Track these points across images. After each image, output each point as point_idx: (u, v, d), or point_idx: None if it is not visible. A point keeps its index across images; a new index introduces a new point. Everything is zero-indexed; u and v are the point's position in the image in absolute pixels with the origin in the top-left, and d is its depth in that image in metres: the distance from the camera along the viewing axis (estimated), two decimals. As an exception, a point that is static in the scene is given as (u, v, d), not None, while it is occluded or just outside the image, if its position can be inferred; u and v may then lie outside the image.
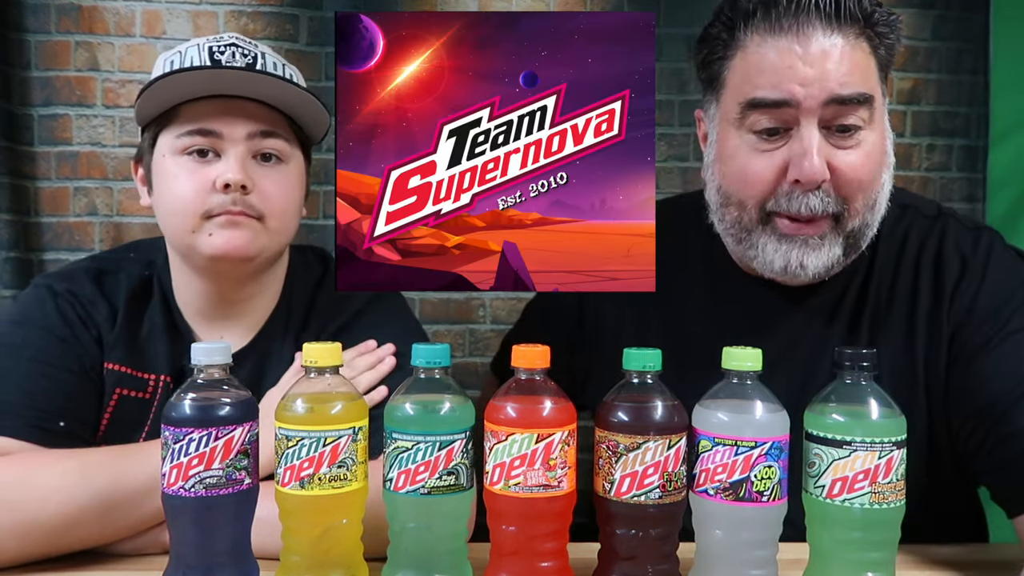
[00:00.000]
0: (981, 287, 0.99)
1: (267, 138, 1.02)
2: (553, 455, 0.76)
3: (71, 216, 1.69)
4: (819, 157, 0.92)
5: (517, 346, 0.79)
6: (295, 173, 1.07)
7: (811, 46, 0.91)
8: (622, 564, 0.79)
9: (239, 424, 0.77)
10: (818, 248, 0.96)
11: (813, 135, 0.92)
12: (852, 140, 0.94)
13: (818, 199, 0.94)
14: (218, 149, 1.01)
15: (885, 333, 1.01)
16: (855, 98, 0.92)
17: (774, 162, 0.95)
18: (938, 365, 0.99)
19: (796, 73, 0.91)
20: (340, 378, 0.81)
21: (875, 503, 0.76)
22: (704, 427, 0.79)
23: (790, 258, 0.96)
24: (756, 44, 0.94)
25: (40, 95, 1.67)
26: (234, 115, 1.01)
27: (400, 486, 0.77)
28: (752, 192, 0.97)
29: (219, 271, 1.04)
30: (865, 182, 0.95)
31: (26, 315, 1.05)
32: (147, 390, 1.07)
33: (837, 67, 0.91)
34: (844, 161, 0.93)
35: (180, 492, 0.75)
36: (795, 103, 0.92)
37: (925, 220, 1.06)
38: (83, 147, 1.68)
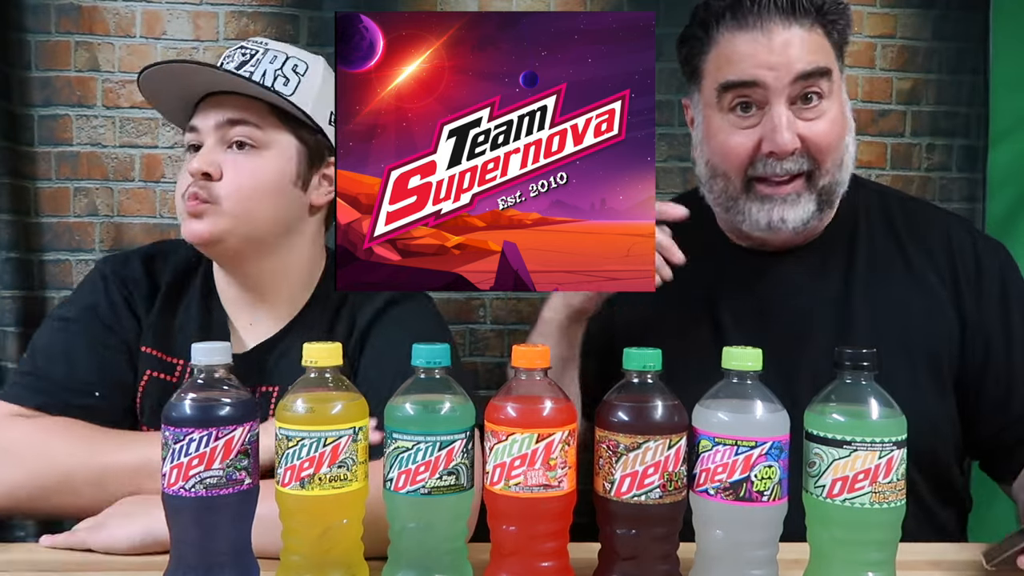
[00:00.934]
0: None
1: (235, 126, 1.08)
2: (553, 455, 0.76)
3: (71, 216, 1.69)
4: (789, 131, 1.08)
5: (517, 346, 0.79)
6: (275, 157, 1.10)
7: (774, 38, 1.08)
8: (622, 564, 0.79)
9: (239, 424, 0.77)
10: (795, 204, 1.11)
11: (782, 112, 1.08)
12: (816, 111, 1.10)
13: (792, 162, 1.10)
14: (202, 143, 1.09)
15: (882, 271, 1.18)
16: (816, 71, 1.08)
17: (751, 137, 1.11)
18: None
19: (763, 60, 1.08)
20: (340, 378, 0.81)
21: (875, 503, 0.76)
22: (704, 427, 0.79)
23: (772, 215, 1.12)
24: (727, 39, 1.10)
25: (40, 95, 1.66)
26: (209, 108, 1.10)
27: (400, 486, 0.77)
28: (734, 163, 1.12)
29: (210, 254, 1.12)
30: (832, 145, 1.11)
31: (79, 298, 1.17)
32: (175, 374, 1.13)
33: (798, 51, 1.08)
34: (811, 130, 1.10)
35: (180, 492, 0.75)
36: (764, 85, 1.08)
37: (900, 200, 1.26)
38: (83, 147, 1.68)
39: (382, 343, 1.10)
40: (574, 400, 0.91)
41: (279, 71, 1.10)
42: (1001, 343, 1.15)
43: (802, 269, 1.19)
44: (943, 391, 1.15)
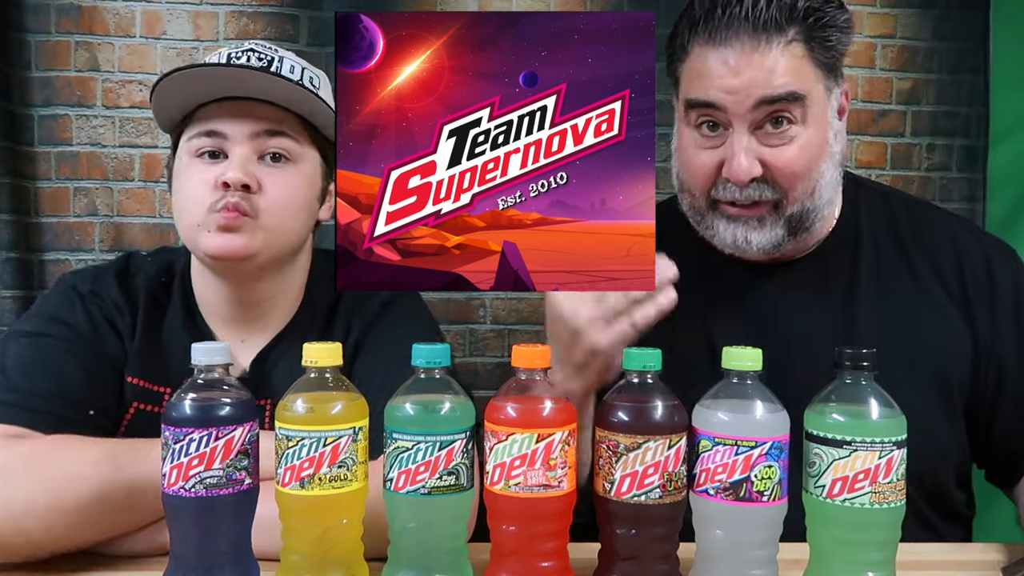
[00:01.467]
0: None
1: (273, 137, 1.03)
2: (553, 455, 0.76)
3: (71, 216, 1.69)
4: (747, 158, 1.01)
5: (517, 346, 0.79)
6: (305, 173, 1.07)
7: (739, 57, 0.99)
8: (622, 564, 0.79)
9: (239, 424, 0.77)
10: (761, 227, 1.06)
11: (742, 139, 1.01)
12: (784, 137, 1.02)
13: (752, 190, 1.03)
14: (226, 150, 1.02)
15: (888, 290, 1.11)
16: (784, 97, 1.00)
17: (713, 158, 1.05)
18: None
19: (724, 82, 1.00)
20: (340, 378, 0.81)
21: (875, 503, 0.76)
22: (704, 427, 0.79)
23: (736, 235, 1.06)
24: (697, 52, 1.03)
25: (40, 95, 1.67)
26: (241, 115, 1.02)
27: (400, 486, 0.77)
28: (698, 182, 1.07)
29: (226, 269, 1.05)
30: (799, 174, 1.03)
31: (54, 312, 1.06)
32: (162, 403, 1.06)
33: (761, 74, 0.99)
34: (777, 157, 1.02)
35: (180, 492, 0.75)
36: (723, 107, 1.01)
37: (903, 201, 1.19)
38: (83, 147, 1.68)
39: (380, 346, 1.09)
40: (583, 468, 0.86)
41: (300, 82, 1.06)
42: (1017, 363, 1.09)
43: (799, 282, 1.13)
44: (952, 415, 1.09)
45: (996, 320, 1.09)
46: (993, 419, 1.10)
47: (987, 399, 1.09)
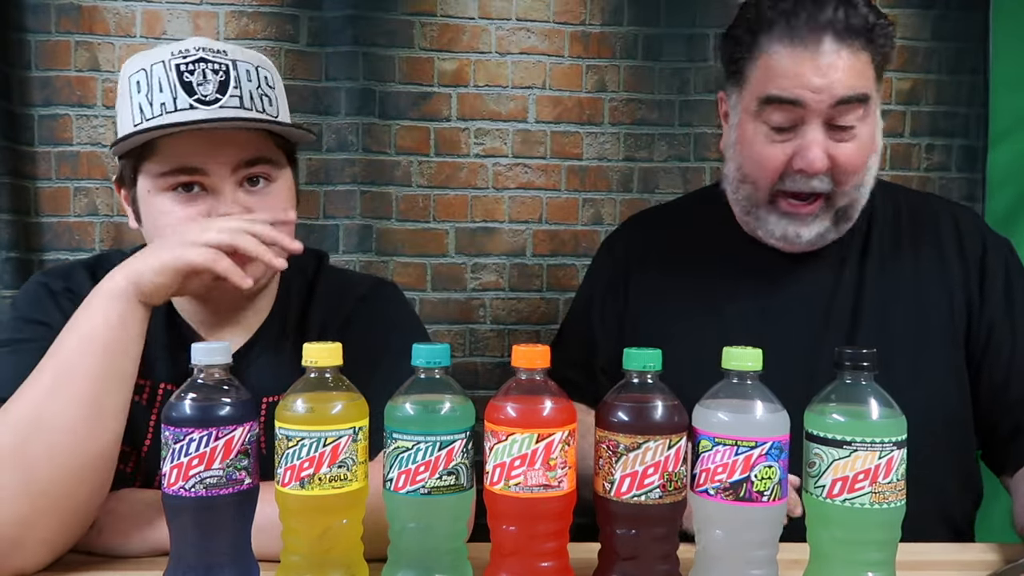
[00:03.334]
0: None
1: (253, 166, 1.01)
2: (553, 455, 0.76)
3: (71, 216, 1.69)
4: (821, 150, 1.09)
5: (517, 346, 0.79)
6: (285, 188, 1.06)
7: (822, 58, 1.07)
8: (622, 564, 0.79)
9: (239, 424, 0.77)
10: (812, 223, 1.15)
11: (817, 133, 1.09)
12: (850, 134, 1.11)
13: (818, 181, 1.12)
14: (203, 184, 0.99)
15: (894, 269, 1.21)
16: (855, 98, 1.09)
17: (783, 152, 1.12)
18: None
19: (808, 80, 1.07)
20: (340, 378, 0.81)
21: (875, 503, 0.76)
22: (704, 427, 0.79)
23: (788, 229, 1.16)
24: (776, 51, 1.10)
25: (40, 95, 1.66)
26: (216, 147, 0.98)
27: (400, 486, 0.77)
28: (765, 174, 1.14)
29: (212, 297, 1.05)
30: (857, 168, 1.12)
31: (27, 314, 1.04)
32: (143, 395, 1.05)
33: (842, 76, 1.07)
34: (841, 152, 1.11)
35: (180, 492, 0.75)
36: (805, 104, 1.08)
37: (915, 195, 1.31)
38: (83, 147, 1.68)
39: (358, 344, 1.06)
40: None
41: (259, 90, 1.02)
42: (1004, 330, 1.17)
43: (820, 267, 1.21)
44: (960, 378, 1.17)
45: (985, 291, 1.18)
46: (980, 378, 1.18)
47: (977, 357, 1.18)
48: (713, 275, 1.24)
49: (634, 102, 1.80)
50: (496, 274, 1.79)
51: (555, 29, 1.77)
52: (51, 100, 1.67)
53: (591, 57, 1.78)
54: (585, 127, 1.79)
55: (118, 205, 1.69)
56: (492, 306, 1.79)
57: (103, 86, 1.67)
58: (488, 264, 1.78)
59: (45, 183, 1.68)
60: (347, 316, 1.11)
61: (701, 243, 1.28)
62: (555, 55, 1.77)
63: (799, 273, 1.21)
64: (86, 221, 1.69)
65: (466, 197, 1.77)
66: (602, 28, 1.78)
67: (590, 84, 1.79)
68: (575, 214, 1.80)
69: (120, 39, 1.68)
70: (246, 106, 1.00)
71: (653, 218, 1.41)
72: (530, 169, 1.78)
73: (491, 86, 1.76)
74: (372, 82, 1.73)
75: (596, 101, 1.79)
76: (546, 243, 1.79)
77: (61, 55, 1.66)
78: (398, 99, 1.74)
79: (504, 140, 1.77)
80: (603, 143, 1.79)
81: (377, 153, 1.74)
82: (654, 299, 1.27)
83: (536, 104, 1.77)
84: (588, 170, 1.80)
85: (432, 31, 1.74)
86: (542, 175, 1.79)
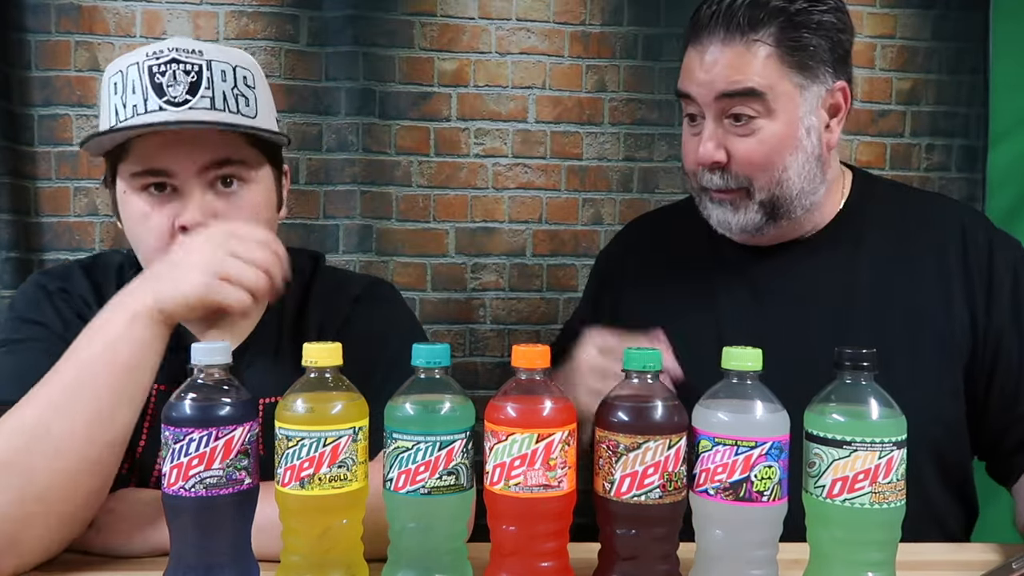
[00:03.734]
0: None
1: (222, 167, 1.00)
2: (553, 455, 0.76)
3: (71, 216, 1.68)
4: (711, 142, 1.11)
5: (517, 346, 0.79)
6: (262, 189, 1.04)
7: (706, 55, 1.10)
8: (622, 564, 0.79)
9: (239, 424, 0.77)
10: (735, 211, 1.15)
11: (708, 125, 1.12)
12: (746, 129, 1.11)
13: (718, 177, 1.13)
14: (174, 185, 0.99)
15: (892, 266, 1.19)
16: (741, 92, 1.09)
17: (694, 145, 1.15)
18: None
19: (694, 76, 1.12)
20: (340, 378, 0.81)
21: (875, 503, 0.76)
22: (704, 427, 0.79)
23: (719, 216, 1.17)
24: (687, 51, 1.15)
25: (40, 95, 1.66)
26: (183, 148, 0.98)
27: (400, 486, 0.77)
28: (688, 166, 1.19)
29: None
30: (758, 164, 1.12)
31: (24, 314, 1.05)
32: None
33: (723, 70, 1.09)
34: (738, 147, 1.11)
35: (180, 492, 0.75)
36: (693, 98, 1.13)
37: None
38: (83, 147, 1.68)
39: (360, 341, 1.03)
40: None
41: (235, 90, 1.01)
42: (1013, 339, 1.14)
43: (810, 262, 1.20)
44: (955, 388, 1.15)
45: (993, 298, 1.15)
46: (990, 390, 1.15)
47: (985, 370, 1.14)
48: (705, 276, 1.24)
49: (634, 102, 1.80)
50: (496, 274, 1.79)
51: (555, 29, 1.77)
52: (51, 100, 1.67)
53: (591, 57, 1.78)
54: (585, 127, 1.79)
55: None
56: (492, 306, 1.79)
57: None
58: (488, 264, 1.78)
59: (45, 183, 1.68)
60: (345, 316, 1.11)
61: (692, 244, 1.27)
62: (555, 55, 1.77)
63: (790, 272, 1.20)
64: (86, 221, 1.69)
65: (466, 197, 1.77)
66: (602, 28, 1.78)
67: (590, 84, 1.79)
68: (575, 214, 1.80)
69: (120, 39, 1.68)
70: (218, 107, 0.99)
71: (652, 220, 1.42)
72: (530, 169, 1.78)
73: (491, 86, 1.76)
74: (372, 82, 1.73)
75: (596, 101, 1.79)
76: (546, 243, 1.79)
77: (61, 55, 1.66)
78: (398, 99, 1.74)
79: (504, 140, 1.77)
80: (603, 143, 1.79)
81: (377, 153, 1.74)
82: (648, 298, 1.26)
83: (536, 104, 1.77)
84: (588, 170, 1.80)
85: (432, 31, 1.74)
86: (542, 175, 1.79)
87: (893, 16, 1.83)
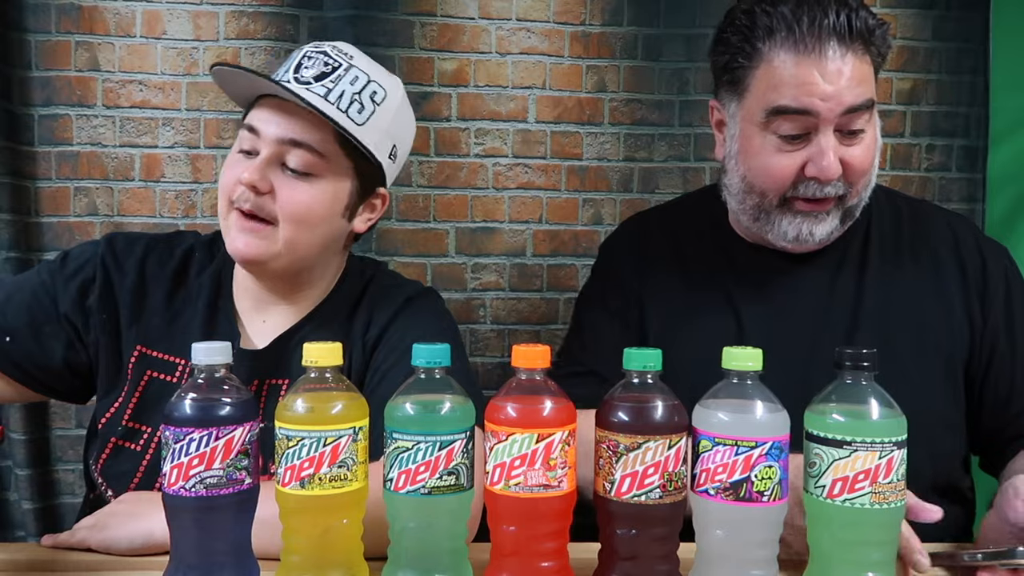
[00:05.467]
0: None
1: (296, 148, 1.04)
2: (553, 455, 0.76)
3: (71, 216, 1.68)
4: (835, 158, 1.09)
5: (517, 346, 0.79)
6: (328, 192, 1.07)
7: (828, 65, 1.06)
8: (622, 564, 0.79)
9: (239, 424, 0.77)
10: (824, 221, 1.14)
11: (830, 140, 1.08)
12: (858, 139, 1.11)
13: (832, 187, 1.11)
14: (257, 147, 1.05)
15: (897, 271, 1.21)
16: (864, 105, 1.08)
17: (795, 161, 1.11)
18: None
19: (817, 88, 1.06)
20: (340, 378, 0.81)
21: (876, 503, 0.76)
22: (704, 427, 0.79)
23: (801, 229, 1.14)
24: (780, 59, 1.08)
25: (40, 95, 1.66)
26: (277, 117, 1.05)
27: (400, 486, 0.77)
28: (775, 185, 1.13)
29: (249, 269, 1.09)
30: (867, 170, 1.13)
31: (72, 251, 1.15)
32: (175, 374, 1.10)
33: (849, 82, 1.06)
34: (852, 156, 1.10)
35: (180, 492, 0.75)
36: (815, 113, 1.07)
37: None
38: (83, 147, 1.68)
39: (401, 339, 1.10)
40: None
41: (357, 95, 1.07)
42: (1006, 344, 1.18)
43: (817, 270, 1.21)
44: (956, 390, 1.18)
45: (988, 302, 1.18)
46: (984, 389, 1.19)
47: (981, 370, 1.18)
48: (715, 277, 1.24)
49: (634, 102, 1.79)
50: (496, 274, 1.79)
51: (555, 29, 1.77)
52: (51, 100, 1.66)
53: (591, 57, 1.78)
54: (585, 127, 1.79)
55: (118, 204, 1.69)
56: (492, 306, 1.79)
57: (103, 86, 1.67)
58: (488, 264, 1.78)
59: (45, 183, 1.68)
60: (390, 317, 1.13)
61: (702, 244, 1.28)
62: (555, 55, 1.77)
63: (798, 275, 1.21)
64: (86, 221, 1.69)
65: (466, 197, 1.77)
66: (602, 28, 1.78)
67: (590, 84, 1.79)
68: (575, 214, 1.80)
69: (120, 39, 1.68)
70: (330, 100, 1.04)
71: (653, 219, 1.40)
72: (530, 169, 1.78)
73: (491, 86, 1.76)
74: (372, 82, 1.73)
75: (596, 101, 1.79)
76: (546, 243, 1.79)
77: (61, 55, 1.66)
78: (398, 99, 1.74)
79: (504, 140, 1.77)
80: (603, 143, 1.79)
81: (377, 153, 1.74)
82: (664, 300, 1.26)
83: (536, 104, 1.77)
84: (588, 170, 1.80)
85: (432, 31, 1.74)
86: (542, 175, 1.79)
87: (893, 16, 1.82)
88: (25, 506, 1.67)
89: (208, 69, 1.10)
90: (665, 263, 1.28)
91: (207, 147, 1.71)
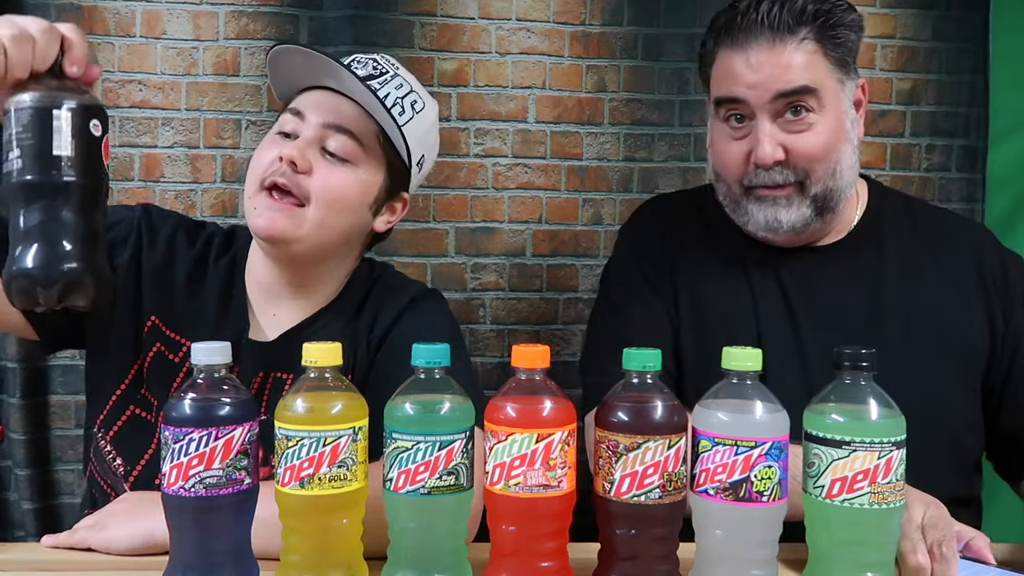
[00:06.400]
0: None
1: (338, 132, 1.08)
2: (553, 455, 0.76)
3: (71, 216, 1.68)
4: (770, 144, 1.12)
5: (517, 346, 0.79)
6: (361, 178, 1.11)
7: (752, 56, 1.12)
8: (622, 564, 0.79)
9: (239, 424, 0.77)
10: (788, 207, 1.16)
11: (764, 126, 1.13)
12: (802, 124, 1.13)
13: (778, 174, 1.14)
14: (297, 130, 1.09)
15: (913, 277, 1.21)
16: (797, 90, 1.11)
17: (742, 148, 1.16)
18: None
19: (743, 78, 1.13)
20: (340, 378, 0.81)
21: (875, 503, 0.76)
22: (704, 427, 0.79)
23: (767, 215, 1.17)
24: (722, 55, 1.16)
25: (40, 95, 1.66)
26: (322, 102, 1.10)
27: (400, 486, 0.77)
28: (731, 171, 1.18)
29: (270, 250, 1.10)
30: (818, 156, 1.14)
31: (149, 208, 1.18)
32: (179, 354, 1.11)
33: (776, 70, 1.11)
34: (797, 142, 1.13)
35: (180, 492, 0.75)
36: (744, 101, 1.13)
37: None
38: (83, 147, 1.68)
39: (405, 339, 1.09)
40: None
41: (400, 100, 1.12)
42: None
43: (827, 264, 1.22)
44: (973, 393, 1.18)
45: (1011, 309, 1.19)
46: (1004, 395, 1.19)
47: (999, 383, 1.19)
48: (737, 269, 1.24)
49: (634, 102, 1.80)
50: (496, 274, 1.79)
51: (555, 29, 1.77)
52: (51, 100, 1.66)
53: (591, 57, 1.78)
54: (585, 127, 1.79)
55: (117, 204, 1.69)
56: (492, 306, 1.79)
57: (103, 86, 1.67)
58: (488, 264, 1.78)
59: (45, 183, 1.67)
60: (395, 317, 1.14)
61: (722, 236, 1.26)
62: (555, 55, 1.77)
63: (812, 273, 1.21)
64: (86, 221, 1.69)
65: (466, 197, 1.77)
66: (602, 28, 1.78)
67: (590, 84, 1.79)
68: (575, 214, 1.80)
69: (120, 39, 1.68)
70: (378, 96, 1.08)
71: (678, 202, 1.38)
72: (530, 169, 1.78)
73: (491, 86, 1.76)
74: (372, 82, 1.73)
75: (596, 101, 1.79)
76: (546, 243, 1.79)
77: (61, 55, 1.66)
78: (398, 99, 1.74)
79: (504, 140, 1.77)
80: (603, 143, 1.79)
81: (377, 153, 1.74)
82: (694, 284, 1.25)
83: (536, 104, 1.77)
84: (588, 170, 1.80)
85: (432, 31, 1.74)
86: (542, 175, 1.79)
87: (893, 16, 1.83)
88: (25, 506, 1.67)
89: (265, 51, 1.13)
90: (696, 236, 1.28)
91: (207, 147, 1.71)
